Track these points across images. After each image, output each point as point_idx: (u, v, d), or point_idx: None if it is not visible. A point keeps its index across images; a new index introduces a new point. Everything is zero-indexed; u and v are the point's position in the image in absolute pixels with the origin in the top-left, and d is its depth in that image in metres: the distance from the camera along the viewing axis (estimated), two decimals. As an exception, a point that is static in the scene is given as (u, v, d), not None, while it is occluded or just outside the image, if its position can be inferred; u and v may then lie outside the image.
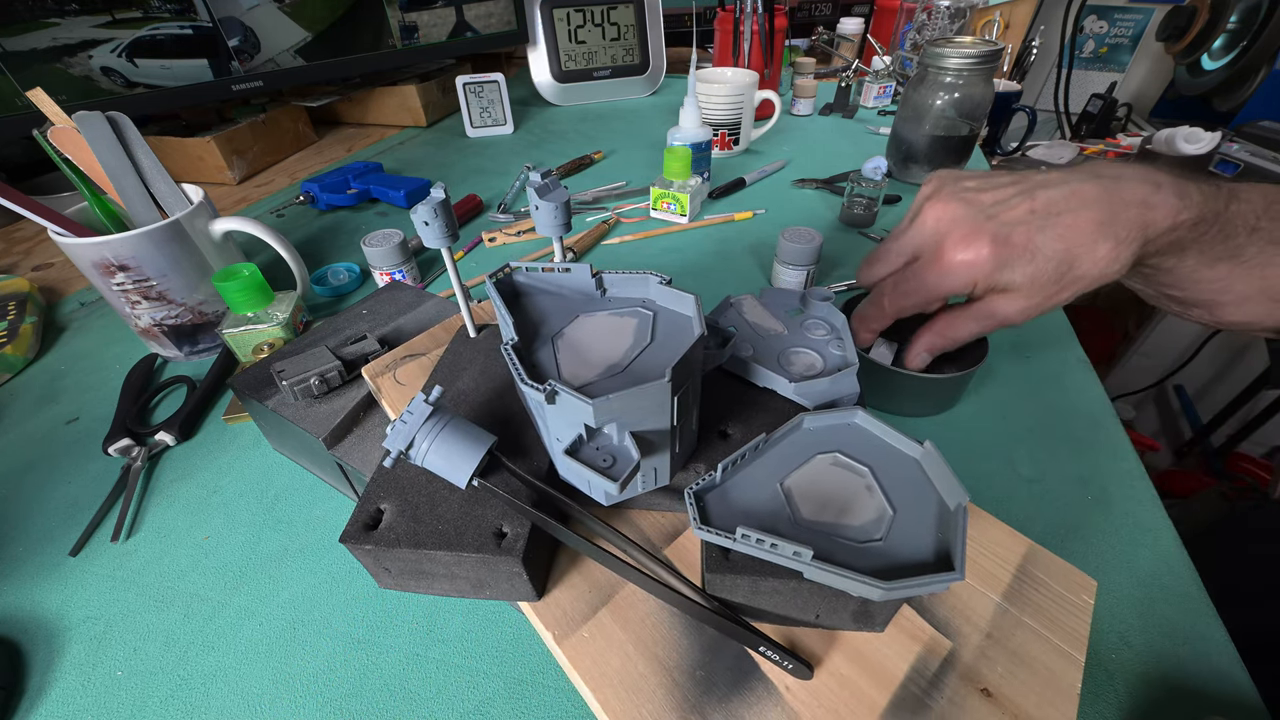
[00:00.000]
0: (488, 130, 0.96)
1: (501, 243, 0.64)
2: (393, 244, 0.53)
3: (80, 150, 0.43)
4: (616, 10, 1.01)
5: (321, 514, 0.36)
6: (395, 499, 0.25)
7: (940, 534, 0.21)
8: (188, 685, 0.29)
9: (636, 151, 0.87)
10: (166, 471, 0.40)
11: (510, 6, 0.97)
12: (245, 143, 0.84)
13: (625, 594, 0.24)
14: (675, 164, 0.63)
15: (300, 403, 0.34)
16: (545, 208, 0.28)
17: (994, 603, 0.24)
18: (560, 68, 1.04)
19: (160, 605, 0.32)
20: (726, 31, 0.93)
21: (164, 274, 0.44)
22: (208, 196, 0.48)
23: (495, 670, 0.29)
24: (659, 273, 0.25)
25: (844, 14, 1.29)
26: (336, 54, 0.85)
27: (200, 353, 0.49)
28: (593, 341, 0.24)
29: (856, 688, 0.22)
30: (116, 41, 0.67)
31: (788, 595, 0.22)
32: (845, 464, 0.23)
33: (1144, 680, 0.27)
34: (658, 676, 0.22)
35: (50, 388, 0.48)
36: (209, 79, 0.74)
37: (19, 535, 0.36)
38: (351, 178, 0.74)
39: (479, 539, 0.23)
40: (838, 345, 0.30)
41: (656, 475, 0.24)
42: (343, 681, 0.28)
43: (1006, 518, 0.27)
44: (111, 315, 0.56)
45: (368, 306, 0.41)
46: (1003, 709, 0.21)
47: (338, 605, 0.32)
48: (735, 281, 0.56)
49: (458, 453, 0.23)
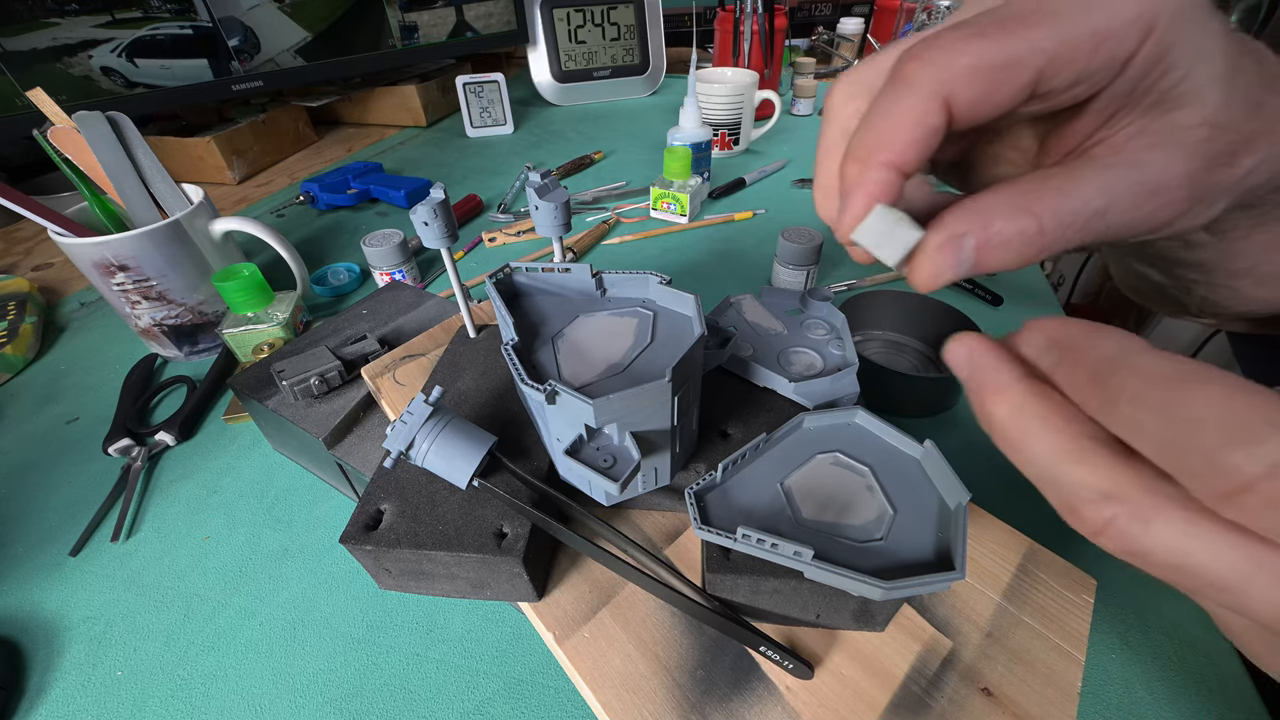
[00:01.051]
0: (488, 130, 0.96)
1: (501, 243, 0.64)
2: (393, 244, 0.53)
3: (80, 150, 0.43)
4: (616, 10, 1.01)
5: (321, 514, 0.36)
6: (395, 499, 0.25)
7: (941, 533, 0.21)
8: (188, 685, 0.29)
9: (636, 151, 0.87)
10: (166, 471, 0.40)
11: (510, 6, 0.97)
12: (245, 143, 0.84)
13: (626, 594, 0.24)
14: (675, 164, 0.63)
15: (300, 403, 0.34)
16: (545, 208, 0.28)
17: (994, 602, 0.24)
18: (560, 68, 1.04)
19: (160, 605, 0.32)
20: (726, 31, 0.93)
21: (164, 274, 0.44)
22: (208, 196, 0.48)
23: (495, 670, 0.29)
24: (659, 273, 0.25)
25: (844, 14, 1.29)
26: (336, 54, 0.85)
27: (200, 353, 0.49)
28: (593, 341, 0.24)
29: (857, 687, 0.22)
30: (116, 41, 0.67)
31: (788, 595, 0.22)
32: (846, 464, 0.23)
33: (1144, 680, 0.27)
34: (658, 677, 0.22)
35: (50, 388, 0.48)
36: (209, 79, 0.74)
37: (19, 535, 0.36)
38: (351, 178, 0.74)
39: (479, 539, 0.23)
40: (837, 345, 0.30)
41: (657, 475, 0.24)
42: (343, 681, 0.28)
43: (1007, 517, 0.27)
44: (111, 315, 0.56)
45: (368, 306, 0.41)
46: (1003, 708, 0.21)
47: (338, 605, 0.31)
48: (735, 281, 0.56)
49: (458, 453, 0.23)
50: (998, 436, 0.15)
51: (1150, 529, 0.12)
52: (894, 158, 0.15)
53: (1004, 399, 0.14)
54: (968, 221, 0.15)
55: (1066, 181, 0.15)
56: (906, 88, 0.15)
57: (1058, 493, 0.14)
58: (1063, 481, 0.13)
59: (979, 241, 0.15)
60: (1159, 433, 0.12)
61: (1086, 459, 0.13)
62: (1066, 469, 0.13)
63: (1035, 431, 0.14)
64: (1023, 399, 0.14)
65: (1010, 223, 0.15)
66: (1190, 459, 0.12)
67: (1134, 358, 0.13)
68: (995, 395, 0.15)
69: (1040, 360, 0.14)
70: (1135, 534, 0.13)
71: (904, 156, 0.15)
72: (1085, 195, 0.15)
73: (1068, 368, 0.14)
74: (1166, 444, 0.12)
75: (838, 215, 0.17)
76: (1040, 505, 0.34)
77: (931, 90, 0.15)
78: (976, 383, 0.15)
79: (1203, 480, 0.12)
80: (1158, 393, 0.12)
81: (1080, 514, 0.13)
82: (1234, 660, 0.28)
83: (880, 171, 0.15)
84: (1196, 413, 0.11)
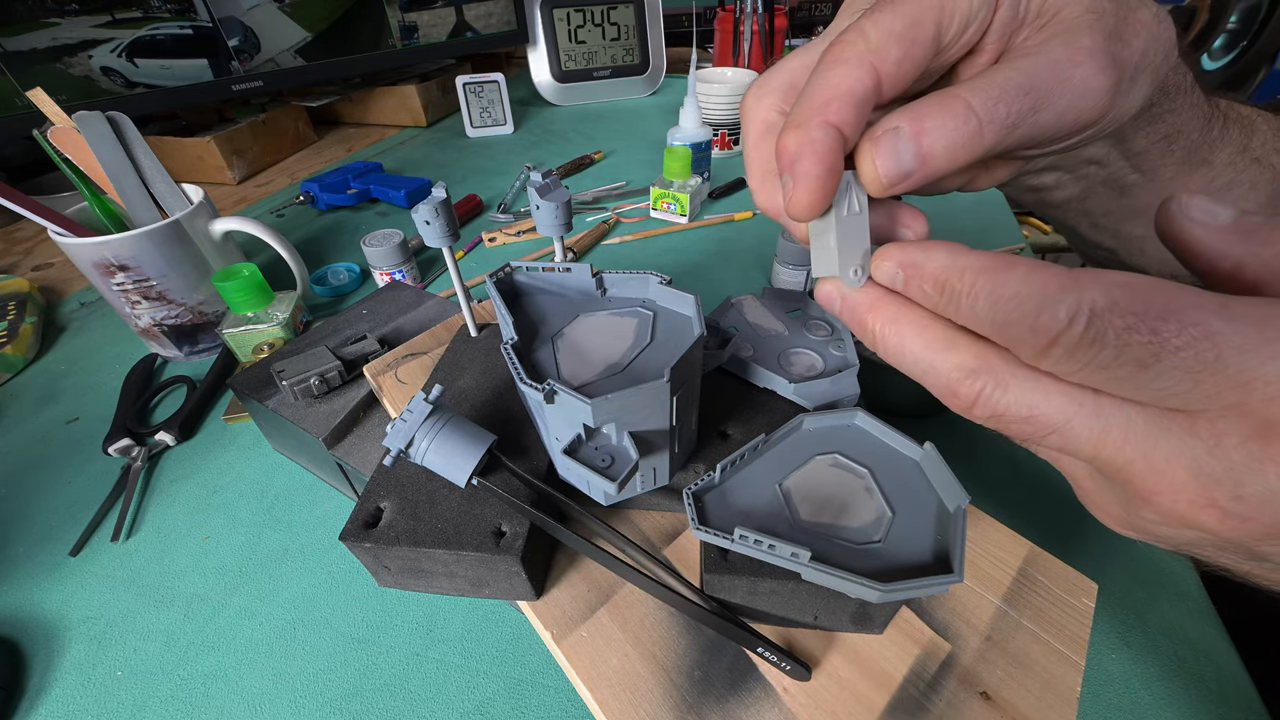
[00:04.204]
0: (488, 130, 0.96)
1: (502, 243, 0.64)
2: (393, 244, 0.53)
3: (80, 150, 0.43)
4: (616, 10, 1.01)
5: (321, 514, 0.36)
6: (395, 497, 0.25)
7: (939, 536, 0.21)
8: (188, 685, 0.29)
9: (636, 151, 0.87)
10: (166, 471, 0.40)
11: (510, 6, 0.97)
12: (245, 143, 0.84)
13: (624, 594, 0.24)
14: (675, 164, 0.63)
15: (300, 403, 0.34)
16: (546, 208, 0.28)
17: (994, 605, 0.24)
18: (560, 68, 1.04)
19: (160, 605, 0.32)
20: (726, 31, 0.93)
21: (164, 274, 0.44)
22: (208, 196, 0.48)
23: (495, 670, 0.29)
24: (659, 273, 0.25)
25: (844, 14, 1.29)
26: (336, 54, 0.85)
27: (200, 353, 0.49)
28: (593, 341, 0.24)
29: (855, 689, 0.22)
30: (116, 41, 0.67)
31: (786, 596, 0.22)
32: (845, 465, 0.23)
33: (1144, 680, 0.27)
34: (655, 677, 0.22)
35: (50, 388, 0.48)
36: (209, 79, 0.74)
37: (19, 535, 0.36)
38: (351, 178, 0.74)
39: (478, 538, 0.23)
40: (838, 346, 0.30)
41: (655, 475, 0.24)
42: (343, 681, 0.28)
43: (1007, 519, 0.27)
44: (111, 315, 0.56)
45: (368, 306, 0.41)
46: (1002, 712, 0.21)
47: (338, 605, 0.32)
48: (735, 281, 0.56)
49: (457, 451, 0.23)
50: (879, 346, 0.17)
51: (1009, 392, 0.15)
52: (833, 118, 0.16)
53: (877, 313, 0.17)
54: (897, 118, 0.16)
55: (985, 73, 0.17)
56: (837, 63, 0.17)
57: (936, 379, 0.16)
58: (939, 368, 0.16)
59: (913, 129, 0.16)
60: (990, 314, 0.14)
61: (953, 345, 0.16)
62: (940, 357, 0.16)
63: (909, 333, 0.16)
64: (894, 309, 0.16)
65: (941, 110, 0.16)
66: (1014, 329, 0.14)
67: (961, 259, 0.15)
68: (870, 313, 0.17)
69: (894, 283, 0.16)
70: (997, 398, 0.15)
71: (842, 115, 0.16)
72: (1004, 75, 0.16)
73: (915, 281, 0.16)
74: (997, 322, 0.14)
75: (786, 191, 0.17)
76: (1041, 507, 0.35)
77: (858, 58, 0.16)
78: (850, 308, 0.17)
79: (1025, 344, 0.14)
80: (983, 282, 0.14)
81: (957, 392, 0.16)
82: (1233, 659, 0.28)
83: (821, 130, 0.16)
84: (1011, 290, 0.14)
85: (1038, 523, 0.34)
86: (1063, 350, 0.13)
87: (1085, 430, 0.14)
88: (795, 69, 0.21)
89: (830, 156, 0.16)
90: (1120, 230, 0.29)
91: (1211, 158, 0.26)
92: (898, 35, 0.17)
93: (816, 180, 0.16)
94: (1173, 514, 0.14)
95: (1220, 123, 0.26)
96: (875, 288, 0.17)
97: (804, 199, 0.16)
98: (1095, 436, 0.14)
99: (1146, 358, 0.13)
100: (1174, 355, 0.12)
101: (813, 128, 0.16)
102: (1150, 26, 0.18)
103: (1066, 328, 0.13)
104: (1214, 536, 0.14)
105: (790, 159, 0.16)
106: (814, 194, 0.16)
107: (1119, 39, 0.18)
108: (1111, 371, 0.13)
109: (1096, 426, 0.14)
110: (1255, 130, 0.27)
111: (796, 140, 0.16)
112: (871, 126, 0.17)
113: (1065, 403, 0.14)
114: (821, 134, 0.16)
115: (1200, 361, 0.12)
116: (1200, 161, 0.26)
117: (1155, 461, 0.14)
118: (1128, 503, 0.16)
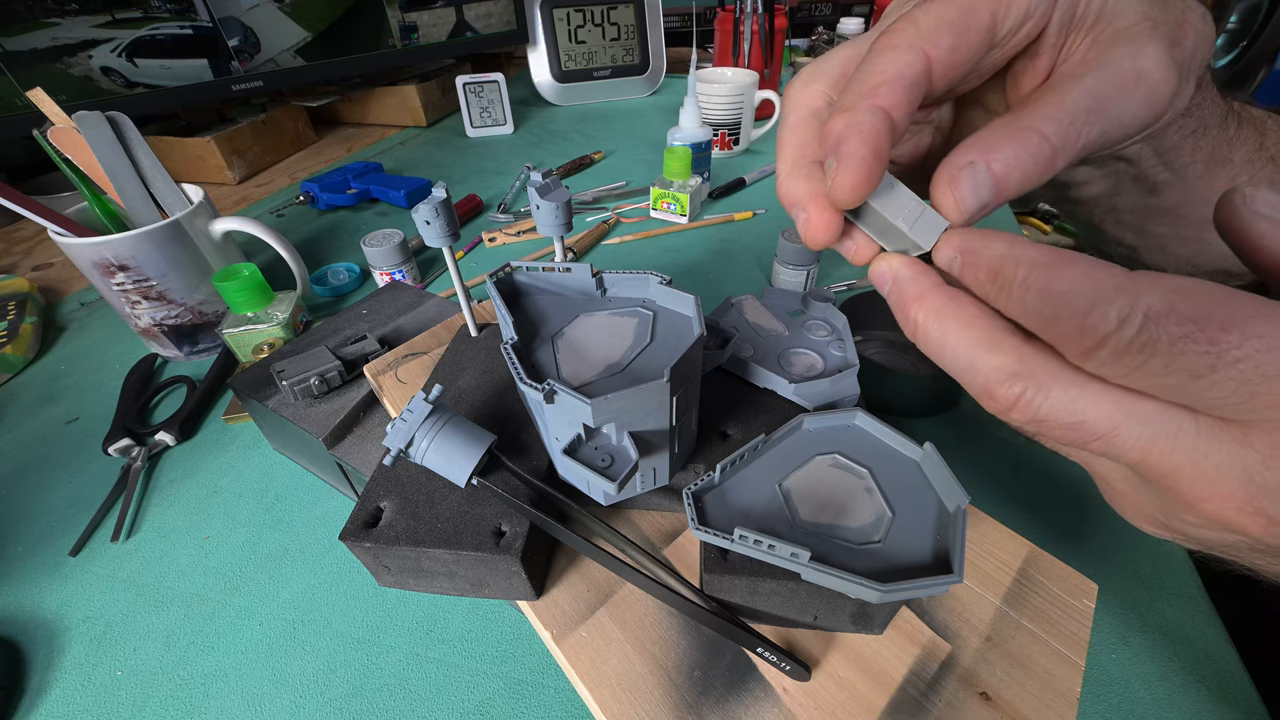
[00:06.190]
0: (488, 130, 0.96)
1: (501, 243, 0.64)
2: (393, 244, 0.53)
3: (80, 150, 0.43)
4: (616, 10, 1.01)
5: (321, 514, 0.36)
6: (395, 497, 0.25)
7: (939, 536, 0.21)
8: (188, 685, 0.29)
9: (636, 151, 0.87)
10: (166, 471, 0.40)
11: (510, 6, 0.97)
12: (245, 143, 0.84)
13: (624, 594, 0.24)
14: (675, 164, 0.63)
15: (300, 403, 0.34)
16: (546, 207, 0.28)
17: (994, 606, 0.24)
18: (560, 68, 1.04)
19: (160, 605, 0.32)
20: (726, 31, 0.93)
21: (164, 274, 0.44)
22: (208, 196, 0.48)
23: (495, 670, 0.29)
24: (659, 273, 0.25)
25: (844, 14, 1.29)
26: (336, 54, 0.85)
27: (200, 353, 0.49)
28: (593, 341, 0.24)
29: (854, 690, 0.22)
30: (116, 41, 0.67)
31: (785, 596, 0.22)
32: (845, 465, 0.23)
33: (1144, 680, 0.27)
34: (655, 677, 0.22)
35: (50, 388, 0.48)
36: (209, 79, 0.74)
37: (19, 535, 0.36)
38: (351, 178, 0.74)
39: (478, 537, 0.23)
40: (838, 346, 0.30)
41: (655, 475, 0.24)
42: (343, 681, 0.28)
43: (1007, 520, 0.27)
44: (111, 315, 0.56)
45: (368, 306, 0.41)
46: (1001, 713, 0.21)
47: (338, 605, 0.32)
48: (735, 281, 0.56)
49: (457, 451, 0.23)
50: (919, 336, 0.17)
51: (1050, 397, 0.14)
52: (883, 102, 0.16)
53: (923, 304, 0.16)
54: (971, 152, 0.16)
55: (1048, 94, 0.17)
56: (888, 49, 0.17)
57: (974, 379, 0.16)
58: (979, 368, 0.15)
59: (988, 162, 0.16)
60: (1040, 309, 0.14)
61: (996, 346, 0.15)
62: (981, 357, 0.15)
63: (952, 328, 0.16)
64: (940, 303, 0.16)
65: (1013, 142, 0.16)
66: (1061, 326, 0.14)
67: (1018, 250, 0.15)
68: (916, 302, 0.16)
69: (951, 268, 0.16)
70: (1039, 404, 0.15)
71: (893, 100, 0.16)
72: (1072, 99, 0.16)
73: (970, 269, 0.16)
74: (1046, 318, 0.14)
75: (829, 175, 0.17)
76: (1041, 507, 0.35)
77: (909, 44, 0.16)
78: (899, 293, 0.17)
79: (1072, 343, 0.14)
80: (1037, 275, 0.14)
81: (995, 394, 0.15)
82: (1233, 659, 0.28)
83: (869, 113, 0.16)
84: (1064, 286, 0.13)
85: (1038, 523, 0.34)
86: (1109, 353, 0.13)
87: (1131, 437, 0.14)
88: (847, 58, 0.21)
89: (877, 139, 0.16)
90: (1144, 228, 0.29)
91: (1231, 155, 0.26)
92: (950, 23, 0.17)
93: (862, 161, 0.16)
94: (1217, 520, 0.14)
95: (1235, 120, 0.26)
96: (927, 278, 0.17)
97: (848, 180, 0.16)
98: (1142, 444, 0.14)
99: (1201, 368, 0.12)
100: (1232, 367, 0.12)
101: (862, 110, 0.16)
102: (1198, 26, 0.18)
103: (1116, 330, 0.13)
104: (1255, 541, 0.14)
105: (837, 140, 0.16)
106: (859, 175, 0.16)
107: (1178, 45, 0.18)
108: (1161, 379, 0.13)
109: (1145, 434, 0.14)
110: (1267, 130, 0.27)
111: (845, 122, 0.16)
112: (945, 160, 0.16)
113: (1112, 409, 0.14)
114: (870, 117, 0.16)
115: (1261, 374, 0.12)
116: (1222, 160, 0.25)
117: (1204, 470, 0.13)
118: (1165, 505, 0.15)
